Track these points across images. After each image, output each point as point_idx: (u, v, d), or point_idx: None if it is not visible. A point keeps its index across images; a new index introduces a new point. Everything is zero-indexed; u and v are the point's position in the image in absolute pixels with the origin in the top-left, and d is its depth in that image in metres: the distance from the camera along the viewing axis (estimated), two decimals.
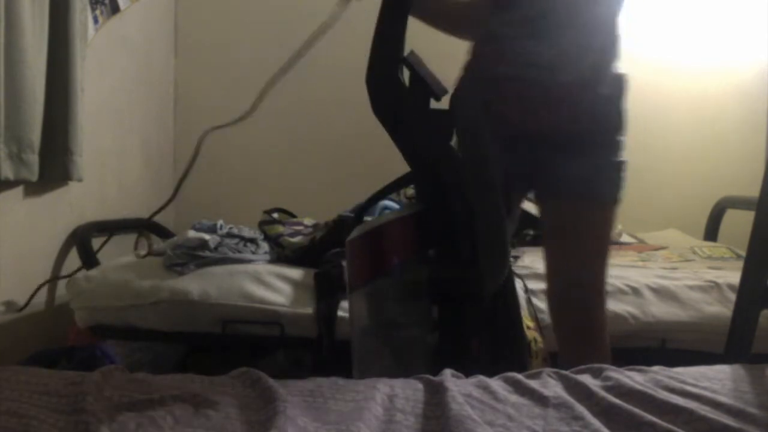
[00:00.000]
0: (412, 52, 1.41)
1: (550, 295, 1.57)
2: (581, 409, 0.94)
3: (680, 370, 1.10)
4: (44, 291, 2.14)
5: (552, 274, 1.54)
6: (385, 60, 1.38)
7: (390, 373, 1.12)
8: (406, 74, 1.40)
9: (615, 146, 1.56)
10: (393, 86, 1.37)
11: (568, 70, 1.43)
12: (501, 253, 1.28)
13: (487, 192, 1.30)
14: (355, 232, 1.37)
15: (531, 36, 1.44)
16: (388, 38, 1.38)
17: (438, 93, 1.37)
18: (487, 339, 1.35)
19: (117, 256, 2.30)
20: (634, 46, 3.28)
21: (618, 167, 1.56)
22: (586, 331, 1.51)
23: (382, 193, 1.46)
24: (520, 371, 1.12)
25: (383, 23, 1.39)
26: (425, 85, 1.36)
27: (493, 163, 1.33)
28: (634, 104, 3.37)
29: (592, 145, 1.49)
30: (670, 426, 0.87)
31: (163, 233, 2.82)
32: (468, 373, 1.10)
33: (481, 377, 1.07)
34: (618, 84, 1.54)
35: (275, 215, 2.51)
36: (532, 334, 1.69)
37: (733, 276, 1.87)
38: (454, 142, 1.41)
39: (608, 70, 1.51)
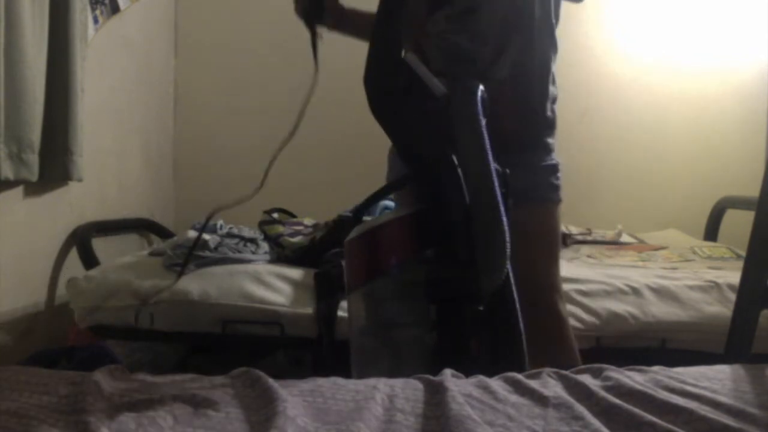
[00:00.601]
0: (409, 53, 1.41)
1: None
2: (581, 409, 0.94)
3: (680, 370, 1.10)
4: (44, 291, 2.15)
5: None
6: (383, 61, 1.38)
7: (388, 374, 1.12)
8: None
9: (544, 148, 1.56)
10: (391, 87, 1.37)
11: (496, 65, 1.43)
12: (499, 253, 1.27)
13: (486, 191, 1.30)
14: (353, 233, 1.37)
15: (461, 32, 1.44)
16: (385, 39, 1.38)
17: (436, 93, 1.37)
18: (486, 339, 1.35)
19: (117, 256, 2.30)
20: (634, 47, 3.29)
21: (551, 170, 1.57)
22: (549, 329, 1.53)
23: (381, 194, 1.46)
24: (519, 371, 1.12)
25: (381, 24, 1.39)
26: (423, 85, 1.36)
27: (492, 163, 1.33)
28: (634, 104, 3.39)
29: (519, 145, 1.49)
30: (670, 426, 0.87)
31: (163, 233, 2.83)
32: (467, 373, 1.10)
33: (481, 377, 1.07)
34: (547, 85, 1.54)
35: (275, 215, 2.51)
36: None
37: (733, 276, 1.87)
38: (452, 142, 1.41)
39: (537, 69, 1.49)
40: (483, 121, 1.31)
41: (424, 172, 1.39)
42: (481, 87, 1.34)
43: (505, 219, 1.28)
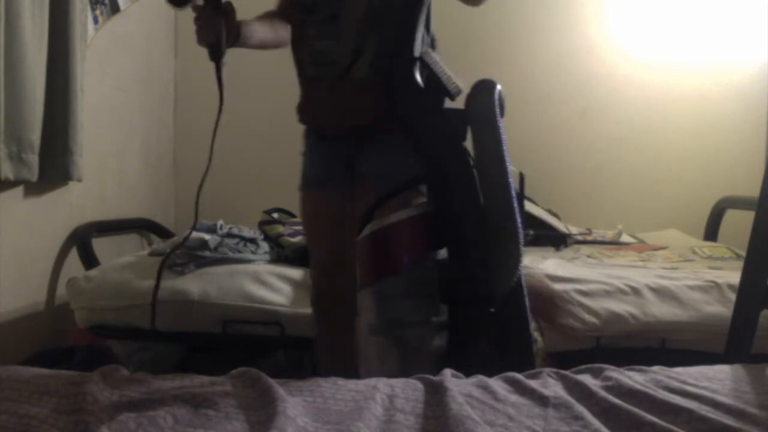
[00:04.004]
0: (427, 51, 1.41)
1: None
2: (581, 409, 0.94)
3: (680, 370, 1.10)
4: (44, 291, 2.15)
5: None
6: (401, 58, 1.38)
7: (397, 373, 1.11)
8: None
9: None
10: (409, 85, 1.37)
11: (355, 66, 1.44)
12: (514, 255, 1.27)
13: (502, 191, 1.29)
14: (366, 231, 1.37)
15: (325, 37, 1.47)
16: (404, 37, 1.38)
17: (453, 92, 1.37)
18: (496, 340, 1.34)
19: (117, 256, 2.30)
20: (634, 46, 3.29)
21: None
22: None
23: (393, 194, 1.46)
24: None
25: (399, 22, 1.39)
26: (440, 84, 1.36)
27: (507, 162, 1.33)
28: (634, 104, 3.39)
29: (391, 143, 1.48)
30: (670, 426, 0.87)
31: (163, 233, 2.83)
32: (476, 373, 1.10)
33: (481, 377, 1.07)
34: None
35: (275, 215, 2.50)
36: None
37: (733, 276, 1.86)
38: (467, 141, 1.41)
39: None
40: (500, 121, 1.31)
41: (438, 171, 1.39)
42: (499, 86, 1.34)
43: (519, 221, 1.28)
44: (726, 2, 3.27)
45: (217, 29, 1.47)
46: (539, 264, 2.15)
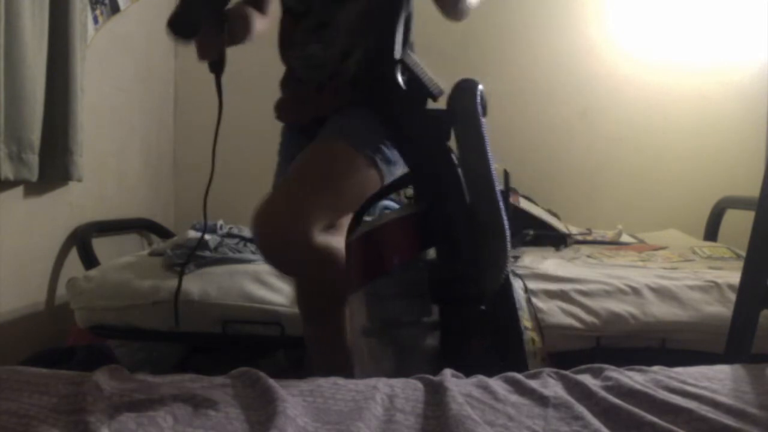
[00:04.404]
0: (408, 53, 1.41)
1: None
2: (581, 409, 0.94)
3: (680, 370, 1.10)
4: (44, 291, 2.15)
5: None
6: (382, 60, 1.38)
7: (391, 374, 1.12)
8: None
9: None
10: (390, 86, 1.37)
11: (343, 67, 1.46)
12: (501, 252, 1.27)
13: (486, 189, 1.30)
14: (356, 232, 1.37)
15: (320, 40, 1.48)
16: (384, 38, 1.38)
17: (435, 93, 1.37)
18: (487, 339, 1.35)
19: (117, 256, 2.30)
20: (634, 46, 3.29)
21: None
22: None
23: (382, 194, 1.46)
24: (520, 370, 1.12)
25: (381, 24, 1.39)
26: (422, 85, 1.37)
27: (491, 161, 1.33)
28: (634, 104, 3.39)
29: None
30: (670, 426, 0.87)
31: (163, 233, 2.83)
32: (468, 373, 1.10)
33: (481, 377, 1.07)
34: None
35: None
36: (529, 334, 1.69)
37: (733, 276, 1.86)
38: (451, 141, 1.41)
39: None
40: (483, 120, 1.31)
41: (423, 171, 1.39)
42: (480, 86, 1.34)
43: (505, 218, 1.28)
44: (726, 2, 3.27)
45: (218, 47, 1.48)
46: (539, 264, 2.15)
